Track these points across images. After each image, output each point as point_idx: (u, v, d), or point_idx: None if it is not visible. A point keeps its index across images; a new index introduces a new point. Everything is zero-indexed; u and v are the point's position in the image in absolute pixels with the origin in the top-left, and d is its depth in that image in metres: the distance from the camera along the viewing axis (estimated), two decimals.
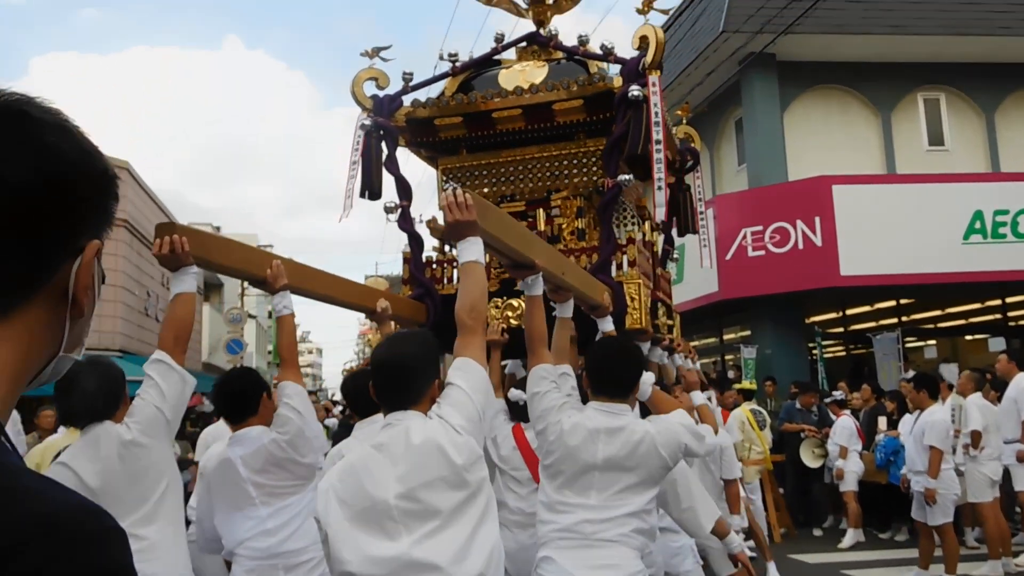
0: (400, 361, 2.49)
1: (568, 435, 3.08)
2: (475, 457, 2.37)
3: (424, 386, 2.48)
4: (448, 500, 2.29)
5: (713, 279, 13.20)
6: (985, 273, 12.55)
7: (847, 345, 15.33)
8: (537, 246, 3.37)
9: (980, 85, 15.00)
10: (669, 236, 6.18)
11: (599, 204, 4.66)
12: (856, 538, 8.99)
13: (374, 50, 4.91)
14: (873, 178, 13.73)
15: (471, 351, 2.58)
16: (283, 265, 3.48)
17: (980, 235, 12.71)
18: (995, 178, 13.95)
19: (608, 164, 4.54)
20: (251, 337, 32.04)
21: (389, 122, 4.86)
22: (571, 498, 3.05)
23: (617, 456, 3.02)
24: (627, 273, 4.59)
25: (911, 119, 15.01)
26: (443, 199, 2.65)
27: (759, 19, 12.66)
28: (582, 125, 4.82)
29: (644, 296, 4.53)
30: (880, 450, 8.94)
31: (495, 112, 4.83)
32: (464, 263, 2.66)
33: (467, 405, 2.43)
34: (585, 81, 4.66)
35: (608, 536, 2.96)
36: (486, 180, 5.10)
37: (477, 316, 2.63)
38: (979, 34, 13.87)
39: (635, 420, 3.14)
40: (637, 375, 3.22)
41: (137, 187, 18.73)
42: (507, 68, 5.16)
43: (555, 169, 4.96)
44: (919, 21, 13.76)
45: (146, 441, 2.81)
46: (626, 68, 4.53)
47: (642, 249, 4.98)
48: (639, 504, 3.02)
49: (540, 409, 3.21)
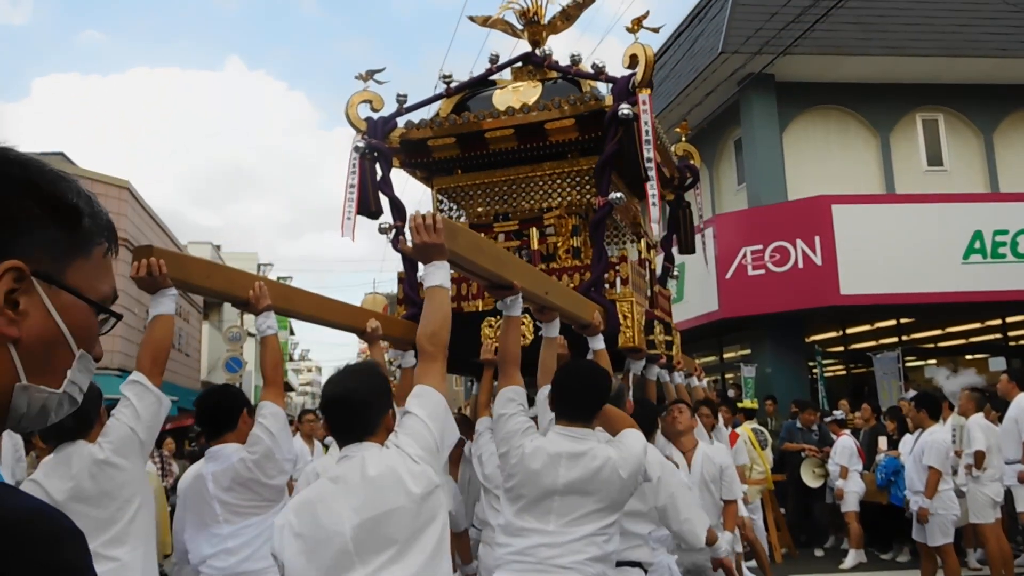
0: (348, 395, 2.47)
1: (530, 459, 3.06)
2: (432, 486, 2.34)
3: (377, 417, 2.45)
4: (404, 530, 2.27)
5: (713, 298, 13.20)
6: (985, 293, 12.55)
7: (847, 364, 15.30)
8: (515, 267, 3.37)
9: (978, 106, 15.07)
10: (669, 254, 6.19)
11: (591, 222, 4.68)
12: (858, 559, 8.93)
13: (368, 73, 4.95)
14: (872, 198, 13.76)
15: (430, 378, 2.54)
16: (267, 286, 3.47)
17: (980, 255, 12.73)
18: (994, 198, 13.99)
19: (599, 182, 4.55)
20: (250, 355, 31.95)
21: (383, 144, 4.90)
22: (530, 523, 3.03)
23: (578, 481, 2.99)
24: (620, 291, 4.60)
25: (910, 140, 15.07)
26: (411, 220, 2.63)
27: (758, 40, 12.74)
28: (575, 144, 4.84)
29: (637, 314, 4.54)
30: (881, 470, 8.91)
31: (488, 132, 4.86)
32: (429, 287, 2.63)
33: (424, 434, 2.40)
34: (577, 100, 4.69)
35: (563, 563, 2.92)
36: (480, 199, 5.12)
37: (438, 343, 2.59)
38: (977, 55, 13.95)
39: (598, 445, 3.11)
40: (600, 400, 3.20)
41: (137, 206, 18.77)
42: (502, 88, 5.20)
43: (548, 188, 4.98)
44: (917, 42, 13.84)
45: (119, 461, 2.80)
46: (616, 87, 4.56)
47: (637, 267, 4.99)
48: (596, 527, 2.99)
49: (504, 432, 3.19)
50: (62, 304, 0.94)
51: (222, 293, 3.48)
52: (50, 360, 0.94)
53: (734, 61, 13.33)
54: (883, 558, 9.32)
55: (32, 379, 0.93)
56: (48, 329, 0.93)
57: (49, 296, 0.93)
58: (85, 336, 0.98)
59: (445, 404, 2.54)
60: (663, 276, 6.15)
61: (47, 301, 0.93)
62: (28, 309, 0.91)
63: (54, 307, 0.93)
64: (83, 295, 0.96)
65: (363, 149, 4.85)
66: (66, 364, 0.96)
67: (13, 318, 0.90)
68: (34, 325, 0.92)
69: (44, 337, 0.93)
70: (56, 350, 0.95)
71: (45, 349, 0.94)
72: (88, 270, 0.98)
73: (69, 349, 0.96)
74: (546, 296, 3.55)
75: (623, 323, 4.49)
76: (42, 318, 0.92)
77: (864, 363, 13.65)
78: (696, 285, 13.59)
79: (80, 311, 0.96)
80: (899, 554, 9.22)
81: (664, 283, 6.08)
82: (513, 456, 3.11)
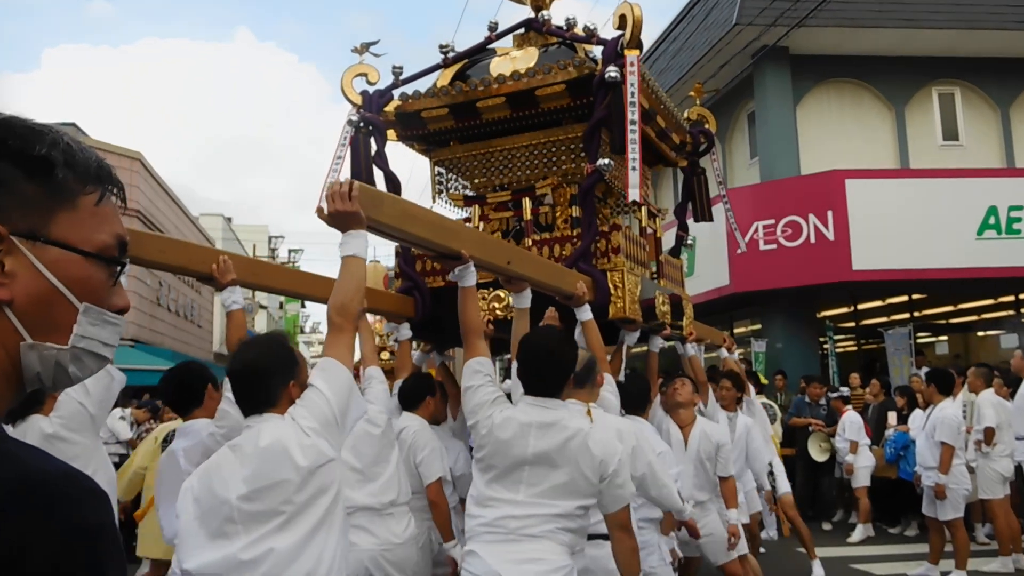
0: (250, 366, 2.50)
1: (500, 429, 3.01)
2: (322, 460, 2.34)
3: (277, 388, 2.47)
4: (289, 502, 2.28)
5: (724, 272, 13.18)
6: (999, 269, 12.47)
7: (858, 340, 15.27)
8: (465, 236, 3.31)
9: (995, 80, 14.89)
10: (683, 223, 6.00)
11: (580, 190, 4.56)
12: (866, 533, 8.98)
13: (363, 46, 4.87)
14: (886, 172, 13.66)
15: (336, 350, 2.51)
16: (232, 260, 3.43)
17: (994, 231, 12.64)
18: (1010, 173, 13.86)
19: (588, 149, 4.42)
20: (262, 327, 32.16)
21: (377, 118, 4.82)
22: (500, 493, 2.98)
23: (548, 450, 2.94)
24: (612, 261, 4.48)
25: (925, 113, 14.92)
26: (327, 188, 2.57)
27: (772, 12, 12.60)
28: (568, 111, 4.70)
29: (631, 284, 4.43)
30: (890, 445, 8.93)
31: (480, 102, 4.75)
32: (343, 257, 2.57)
33: (322, 407, 2.39)
34: (567, 65, 4.52)
35: (533, 532, 2.89)
36: (477, 170, 5.04)
37: (347, 315, 2.54)
38: (994, 28, 13.76)
39: (570, 415, 3.05)
40: (566, 373, 3.13)
41: (149, 178, 18.81)
42: (501, 56, 5.09)
43: (544, 157, 4.88)
44: (933, 15, 13.66)
45: (68, 435, 2.84)
46: (606, 49, 4.41)
47: (635, 237, 4.90)
48: (566, 508, 2.92)
49: (473, 403, 3.15)
50: (51, 260, 0.93)
51: (181, 268, 3.45)
52: (51, 317, 0.94)
53: (748, 33, 13.19)
54: (891, 532, 9.37)
55: (37, 337, 0.93)
56: (40, 287, 0.92)
57: (35, 254, 0.92)
58: (87, 288, 0.96)
59: (349, 377, 2.51)
60: (676, 246, 5.99)
61: (33, 259, 0.92)
62: (15, 270, 0.91)
63: (42, 264, 0.92)
64: (74, 247, 0.95)
65: (356, 122, 4.78)
66: (71, 319, 0.95)
67: (3, 281, 0.90)
68: (25, 285, 0.91)
69: (38, 295, 0.92)
70: (55, 307, 0.94)
71: (42, 307, 0.93)
72: (77, 221, 0.96)
73: (70, 304, 0.95)
74: (509, 266, 3.47)
75: (613, 293, 4.38)
76: (32, 277, 0.92)
77: (876, 339, 13.62)
78: (707, 259, 13.55)
79: (74, 264, 0.95)
80: (907, 528, 9.26)
81: (677, 253, 5.95)
82: (483, 427, 3.06)
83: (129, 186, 18.91)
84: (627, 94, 4.18)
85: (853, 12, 13.32)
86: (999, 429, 7.46)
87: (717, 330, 7.31)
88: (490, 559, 2.89)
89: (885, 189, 12.77)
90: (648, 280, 4.91)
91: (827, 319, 13.93)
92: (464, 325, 3.29)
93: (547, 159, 4.87)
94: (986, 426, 7.46)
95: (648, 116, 4.89)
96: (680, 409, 4.97)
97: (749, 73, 14.60)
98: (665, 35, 16.96)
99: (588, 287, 4.17)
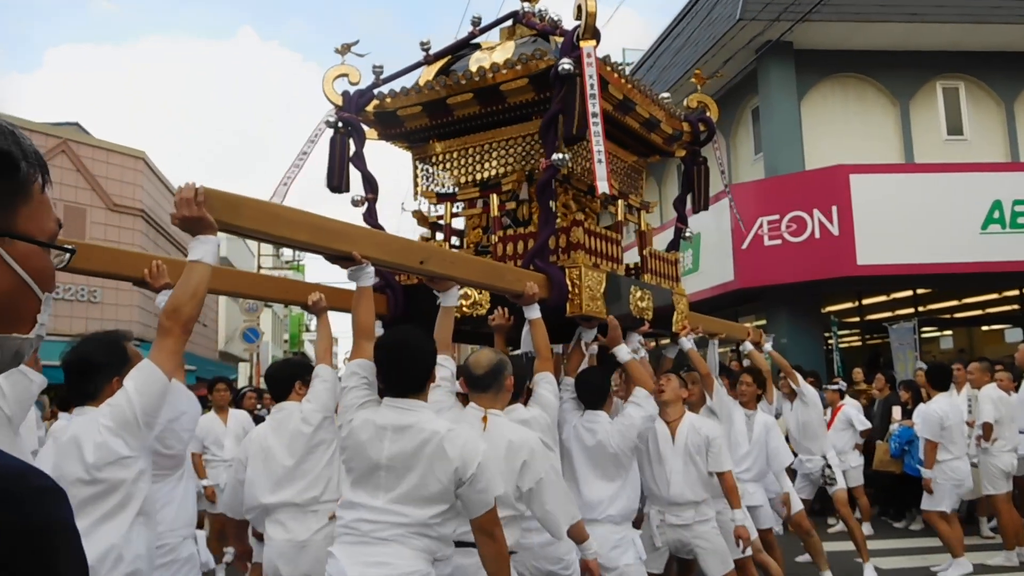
0: (79, 360, 2.63)
1: (358, 431, 2.97)
2: (112, 457, 2.42)
3: (101, 383, 2.60)
4: (76, 495, 2.35)
5: (729, 268, 13.17)
6: (1003, 263, 12.45)
7: (863, 335, 15.25)
8: (360, 237, 3.27)
9: (999, 74, 14.85)
10: (683, 215, 5.86)
11: (536, 186, 4.45)
12: (867, 531, 8.94)
13: (344, 47, 4.83)
14: (891, 167, 13.63)
15: (156, 353, 2.52)
16: (166, 265, 3.48)
17: (999, 225, 12.61)
18: (1014, 168, 13.82)
19: (544, 143, 4.34)
20: (267, 326, 32.20)
21: (355, 117, 4.80)
22: (360, 497, 2.93)
23: (402, 454, 2.88)
24: (571, 258, 4.38)
25: (929, 108, 14.89)
26: (176, 193, 2.52)
27: (776, 7, 12.59)
28: (534, 105, 4.60)
29: (589, 281, 4.32)
30: (895, 440, 8.92)
31: (449, 98, 4.71)
32: (188, 261, 2.56)
33: (123, 408, 2.45)
34: (528, 59, 4.43)
35: (383, 535, 2.84)
36: (455, 167, 5.01)
37: (177, 319, 2.52)
38: (998, 22, 13.73)
39: (428, 418, 2.96)
40: (424, 371, 3.02)
41: (153, 176, 18.84)
42: (483, 51, 5.04)
43: (514, 152, 4.81)
44: (937, 9, 13.62)
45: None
46: (564, 42, 4.31)
47: (604, 231, 4.77)
48: (420, 516, 2.84)
49: (343, 405, 3.13)
50: (20, 254, 0.93)
51: (109, 273, 3.54)
52: (18, 310, 0.94)
53: (752, 28, 13.17)
54: (896, 526, 9.36)
55: (4, 330, 0.93)
56: (12, 283, 0.93)
57: (6, 250, 0.92)
58: (44, 277, 0.97)
59: (162, 380, 2.49)
60: (675, 239, 5.82)
61: (7, 257, 0.92)
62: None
63: (14, 260, 0.92)
64: (36, 239, 0.95)
65: (333, 123, 4.74)
66: (35, 310, 0.96)
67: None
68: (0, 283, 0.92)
69: (9, 291, 0.93)
70: (23, 300, 0.95)
71: (12, 301, 0.93)
72: (33, 212, 0.96)
73: (34, 295, 0.96)
74: (422, 266, 3.44)
75: (571, 291, 4.27)
76: (4, 273, 0.92)
77: (880, 334, 13.61)
78: (712, 255, 13.55)
79: (37, 256, 0.95)
80: (912, 522, 9.25)
81: (676, 247, 5.79)
82: (345, 429, 3.05)
83: (133, 185, 18.68)
84: (586, 86, 4.09)
85: (857, 7, 13.30)
86: (1000, 424, 7.41)
87: (738, 324, 7.14)
88: (343, 560, 2.86)
89: (889, 184, 12.75)
90: (619, 276, 4.76)
91: (832, 314, 13.93)
92: (354, 325, 3.28)
93: (517, 154, 4.80)
94: (984, 421, 7.43)
95: (626, 107, 4.83)
96: (667, 406, 4.81)
97: (753, 68, 14.58)
98: (669, 31, 16.94)
99: (541, 285, 4.08)
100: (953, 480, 6.96)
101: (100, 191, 16.78)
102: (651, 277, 5.26)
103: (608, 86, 4.53)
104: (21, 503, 0.79)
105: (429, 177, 5.17)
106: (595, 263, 4.52)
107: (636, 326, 4.84)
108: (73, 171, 16.34)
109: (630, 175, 5.47)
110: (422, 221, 5.16)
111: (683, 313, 5.46)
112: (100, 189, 16.78)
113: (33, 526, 0.79)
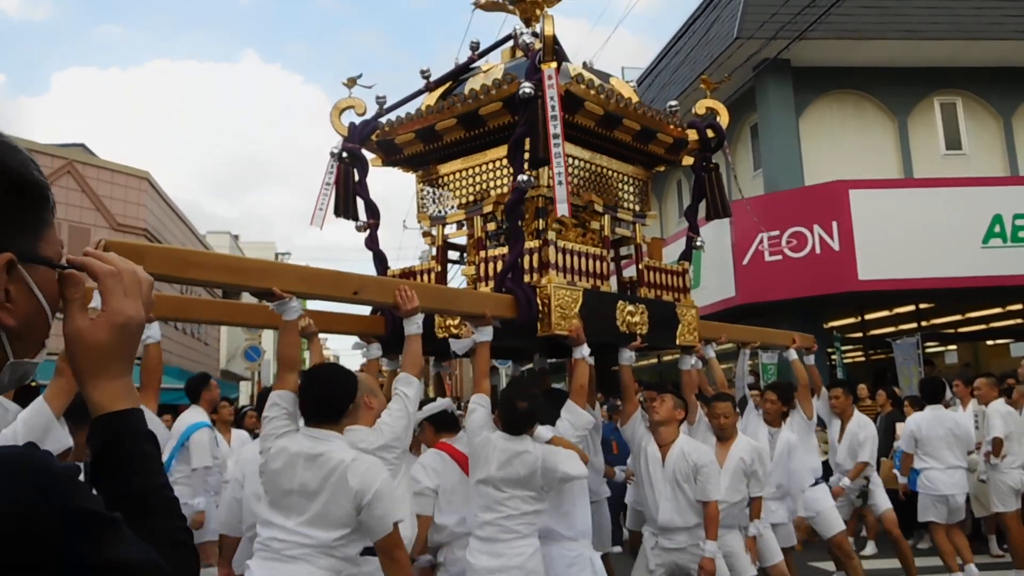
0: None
1: (273, 458, 3.20)
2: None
3: None
4: None
5: (730, 284, 13.17)
6: (1005, 277, 12.45)
7: (866, 350, 15.23)
8: (284, 273, 3.47)
9: (997, 89, 14.92)
10: (694, 224, 5.76)
11: (505, 207, 4.55)
12: (873, 549, 8.91)
13: (350, 80, 5.03)
14: (890, 183, 13.66)
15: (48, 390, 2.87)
16: (158, 299, 3.55)
17: (1000, 239, 12.62)
18: (1014, 182, 13.85)
19: (513, 165, 4.43)
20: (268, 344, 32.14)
21: (358, 148, 5.01)
22: (275, 517, 3.16)
23: (311, 481, 3.09)
24: (544, 277, 4.40)
25: (928, 123, 14.95)
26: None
27: (773, 25, 12.65)
28: (511, 128, 4.62)
29: (559, 300, 4.33)
30: (898, 456, 8.87)
31: (436, 125, 4.88)
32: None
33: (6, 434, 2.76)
34: (501, 83, 4.56)
35: (292, 553, 3.06)
36: (454, 189, 5.12)
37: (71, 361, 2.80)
38: (995, 38, 13.81)
39: (338, 447, 3.17)
40: (344, 402, 3.27)
41: (157, 197, 18.89)
42: (480, 75, 5.13)
43: (499, 175, 4.88)
44: (933, 25, 13.71)
45: None
46: (528, 65, 4.40)
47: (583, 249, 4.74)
48: (324, 539, 3.06)
49: (264, 432, 3.34)
50: (41, 280, 0.94)
51: None
52: (33, 334, 0.96)
53: (750, 46, 13.24)
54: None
55: (18, 356, 0.94)
56: (33, 308, 0.94)
57: (31, 275, 0.93)
58: (54, 300, 0.98)
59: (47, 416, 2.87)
60: (687, 249, 5.67)
61: (31, 283, 0.93)
62: (16, 294, 0.92)
63: (36, 286, 0.94)
64: (53, 263, 0.97)
65: (338, 154, 4.95)
66: (45, 335, 0.98)
67: (10, 308, 0.91)
68: (23, 309, 0.93)
69: (31, 317, 0.94)
70: (38, 324, 0.96)
71: (30, 326, 0.95)
72: (50, 237, 0.97)
73: (47, 319, 0.97)
74: (356, 296, 3.62)
75: (541, 310, 4.30)
76: (27, 299, 0.93)
77: (884, 349, 13.58)
78: (713, 271, 13.55)
79: (50, 280, 0.96)
80: (920, 540, 9.18)
81: (688, 257, 5.66)
82: (264, 456, 3.25)
83: (137, 205, 18.69)
84: (548, 108, 4.18)
85: (854, 24, 13.36)
86: (1010, 439, 7.36)
87: (779, 331, 6.83)
88: (257, 574, 3.09)
89: (889, 199, 12.77)
90: (601, 292, 4.71)
91: (834, 329, 13.90)
92: (279, 357, 3.48)
93: (498, 177, 4.88)
94: (994, 436, 7.35)
95: (610, 121, 4.84)
96: (660, 427, 4.75)
97: (751, 86, 14.64)
98: (667, 49, 17.04)
99: (508, 305, 4.22)
100: (928, 489, 6.97)
101: (104, 211, 16.83)
102: (648, 291, 5.19)
103: (584, 103, 4.60)
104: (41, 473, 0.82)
105: (428, 198, 5.30)
106: (570, 281, 4.52)
107: (626, 341, 4.79)
108: (78, 191, 16.39)
109: (624, 188, 5.35)
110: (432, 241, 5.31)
111: (690, 325, 5.32)
112: (104, 209, 16.82)
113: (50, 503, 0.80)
